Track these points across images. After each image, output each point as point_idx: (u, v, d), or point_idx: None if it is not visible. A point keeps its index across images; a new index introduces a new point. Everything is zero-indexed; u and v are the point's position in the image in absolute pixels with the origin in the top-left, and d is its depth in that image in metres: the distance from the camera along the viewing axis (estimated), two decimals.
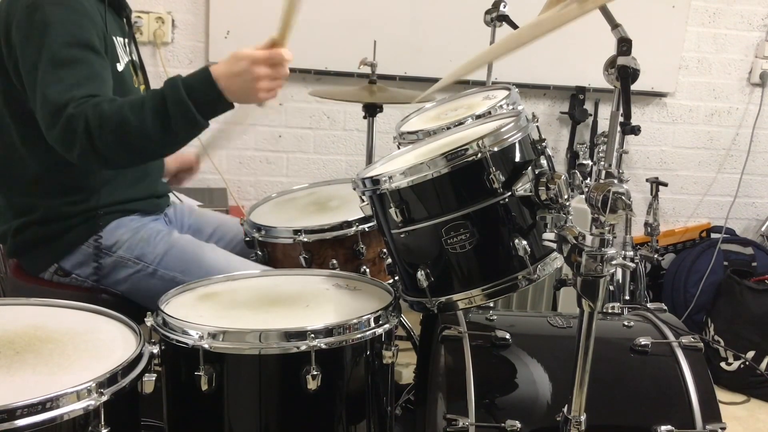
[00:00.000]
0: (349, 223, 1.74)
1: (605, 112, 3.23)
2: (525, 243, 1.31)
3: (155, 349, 1.27)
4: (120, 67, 1.71)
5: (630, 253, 2.44)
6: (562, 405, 1.19)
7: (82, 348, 1.22)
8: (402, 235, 1.38)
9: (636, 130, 2.09)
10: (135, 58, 1.86)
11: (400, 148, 1.73)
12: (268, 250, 1.83)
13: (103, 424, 1.08)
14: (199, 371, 1.25)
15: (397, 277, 1.52)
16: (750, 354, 2.76)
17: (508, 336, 1.41)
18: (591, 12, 1.16)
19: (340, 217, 1.77)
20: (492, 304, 1.50)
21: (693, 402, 1.35)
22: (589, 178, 1.91)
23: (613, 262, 1.09)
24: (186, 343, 1.26)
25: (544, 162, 1.40)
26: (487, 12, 2.18)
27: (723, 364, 2.80)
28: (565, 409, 1.17)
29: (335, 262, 1.75)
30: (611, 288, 2.41)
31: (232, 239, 1.98)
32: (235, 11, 2.88)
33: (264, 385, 1.31)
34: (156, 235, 1.74)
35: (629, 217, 2.36)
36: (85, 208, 1.69)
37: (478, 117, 1.73)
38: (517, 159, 1.35)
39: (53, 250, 1.71)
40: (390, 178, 1.34)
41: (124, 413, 1.18)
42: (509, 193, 1.31)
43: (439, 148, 1.50)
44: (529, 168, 1.34)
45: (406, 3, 3.00)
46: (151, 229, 1.76)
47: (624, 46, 1.16)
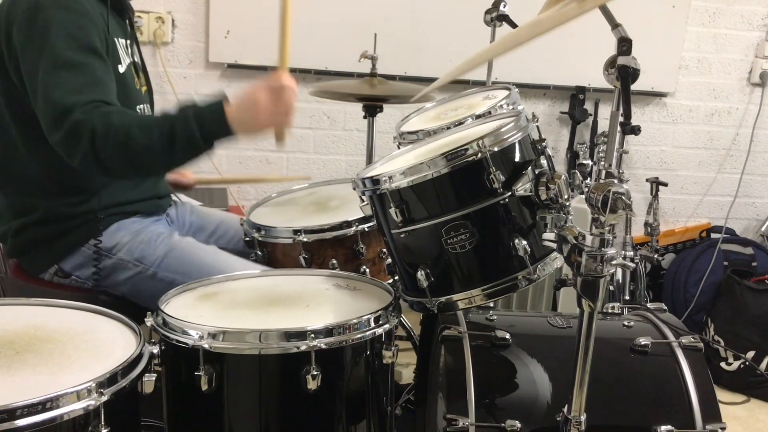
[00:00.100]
0: (348, 223, 1.74)
1: (605, 112, 3.23)
2: (525, 243, 1.31)
3: (155, 349, 1.27)
4: (122, 68, 1.71)
5: (630, 253, 2.44)
6: (562, 405, 1.19)
7: (82, 348, 1.22)
8: (402, 235, 1.38)
9: (636, 130, 2.08)
10: (137, 59, 1.86)
11: (400, 148, 1.73)
12: (268, 250, 1.83)
13: (103, 424, 1.08)
14: (199, 371, 1.25)
15: (397, 277, 1.52)
16: (750, 354, 2.76)
17: (508, 336, 1.41)
18: (590, 11, 1.16)
19: (340, 217, 1.77)
20: (492, 304, 1.50)
21: (693, 402, 1.35)
22: (589, 178, 1.91)
23: (613, 262, 1.09)
24: (186, 343, 1.26)
25: (544, 162, 1.40)
26: (487, 12, 2.18)
27: (723, 364, 2.80)
28: (565, 409, 1.17)
29: (335, 262, 1.75)
30: (611, 288, 2.41)
31: (234, 236, 1.99)
32: (235, 11, 2.88)
33: (264, 385, 1.31)
34: (156, 238, 1.74)
35: (629, 217, 2.35)
36: (86, 210, 1.69)
37: (478, 117, 1.73)
38: (517, 159, 1.35)
39: (53, 251, 1.71)
40: (390, 178, 1.34)
41: (124, 413, 1.18)
42: (509, 193, 1.31)
43: (439, 148, 1.50)
44: (529, 168, 1.34)
45: (406, 3, 3.00)
46: (152, 231, 1.76)
47: (624, 45, 1.16)
